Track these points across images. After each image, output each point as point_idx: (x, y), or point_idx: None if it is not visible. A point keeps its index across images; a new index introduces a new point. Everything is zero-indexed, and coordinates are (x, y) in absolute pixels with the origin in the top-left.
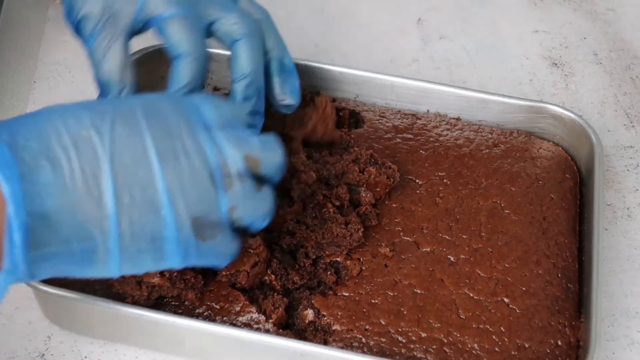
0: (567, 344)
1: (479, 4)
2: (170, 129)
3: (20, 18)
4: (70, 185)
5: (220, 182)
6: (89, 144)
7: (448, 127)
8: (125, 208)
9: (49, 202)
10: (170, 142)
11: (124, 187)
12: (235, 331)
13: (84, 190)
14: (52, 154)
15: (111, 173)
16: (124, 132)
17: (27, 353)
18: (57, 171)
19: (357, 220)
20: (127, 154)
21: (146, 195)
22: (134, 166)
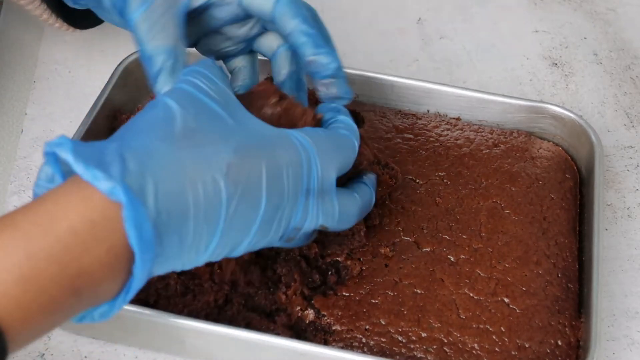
0: (567, 344)
1: (479, 4)
2: (280, 196)
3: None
4: (185, 250)
5: (285, 236)
6: (215, 214)
7: (448, 127)
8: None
9: (161, 267)
10: (274, 211)
11: (222, 246)
12: (235, 331)
13: (194, 250)
14: (183, 230)
15: (220, 237)
16: (244, 203)
17: (26, 353)
18: (182, 241)
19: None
20: (238, 221)
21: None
22: (238, 232)
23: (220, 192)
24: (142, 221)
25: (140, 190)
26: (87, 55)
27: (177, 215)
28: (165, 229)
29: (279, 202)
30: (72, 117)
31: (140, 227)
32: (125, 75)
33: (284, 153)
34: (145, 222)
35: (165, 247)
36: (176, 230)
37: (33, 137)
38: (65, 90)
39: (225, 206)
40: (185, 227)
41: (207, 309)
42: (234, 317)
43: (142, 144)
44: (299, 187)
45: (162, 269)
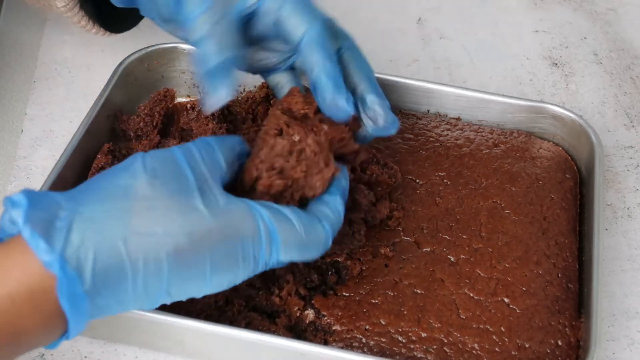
0: (567, 344)
1: (479, 4)
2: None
3: (20, 18)
4: (128, 302)
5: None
6: (155, 290)
7: (448, 127)
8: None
9: (104, 313)
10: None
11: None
12: (235, 331)
13: (139, 301)
14: (122, 297)
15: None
16: (187, 275)
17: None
18: (121, 305)
19: (360, 221)
20: (180, 293)
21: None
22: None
23: (162, 271)
24: (76, 293)
25: (78, 263)
26: (87, 56)
27: (114, 289)
28: (103, 297)
29: (229, 276)
30: (72, 117)
31: (73, 299)
32: (125, 76)
33: (243, 242)
34: (80, 294)
35: (102, 308)
36: (114, 296)
37: (33, 137)
38: (65, 90)
39: (166, 282)
40: (124, 296)
41: (207, 311)
42: (235, 318)
43: (93, 214)
44: (255, 266)
45: (104, 315)
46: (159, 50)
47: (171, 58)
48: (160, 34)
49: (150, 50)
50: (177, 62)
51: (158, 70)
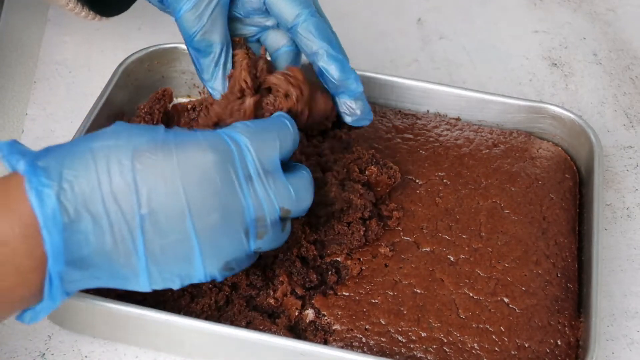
0: (567, 344)
1: (479, 4)
2: (210, 184)
3: (20, 18)
4: (107, 237)
5: (254, 234)
6: (128, 200)
7: (448, 127)
8: (156, 260)
9: (85, 250)
10: (208, 200)
11: (155, 241)
12: (235, 331)
13: (119, 241)
14: (93, 207)
15: (142, 230)
16: (161, 189)
17: (27, 352)
18: (96, 223)
19: (358, 220)
20: (162, 211)
21: (178, 249)
22: (167, 222)
23: (127, 173)
24: (43, 190)
25: (46, 167)
26: (88, 56)
27: (83, 191)
28: (71, 202)
29: (209, 190)
30: (73, 117)
31: (40, 195)
32: (125, 76)
33: (205, 142)
34: (46, 191)
35: (77, 224)
36: (85, 205)
37: (34, 137)
38: (66, 91)
39: (136, 190)
40: (95, 203)
41: (207, 312)
42: (235, 317)
43: (68, 142)
44: (232, 172)
45: (93, 262)
46: (159, 50)
47: (171, 58)
48: (160, 34)
49: (150, 51)
50: (177, 62)
51: (158, 70)
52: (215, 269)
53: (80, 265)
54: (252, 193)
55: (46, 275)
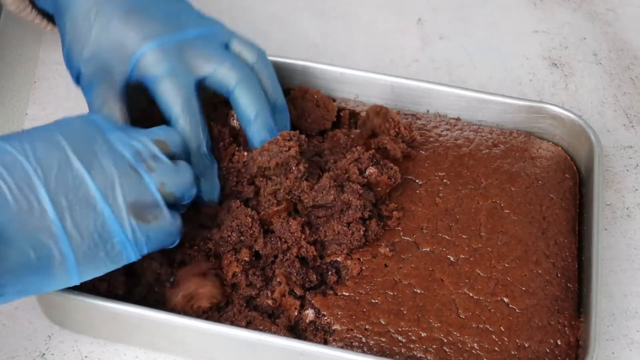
0: (567, 344)
1: (478, 4)
2: (85, 139)
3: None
4: (10, 201)
5: (141, 166)
6: (17, 164)
7: (448, 127)
8: (65, 211)
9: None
10: (88, 149)
11: (58, 193)
12: (235, 331)
13: (24, 203)
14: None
15: (43, 183)
16: (46, 150)
17: (27, 353)
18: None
19: (358, 220)
20: (53, 166)
21: (80, 195)
22: (62, 174)
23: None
24: None
25: None
26: None
27: None
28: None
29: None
30: None
31: None
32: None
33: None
34: None
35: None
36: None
37: None
38: (66, 91)
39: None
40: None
41: (207, 312)
42: (235, 317)
43: None
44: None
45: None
46: None
47: None
48: None
49: None
50: None
51: None
52: (122, 211)
53: None
54: (120, 138)
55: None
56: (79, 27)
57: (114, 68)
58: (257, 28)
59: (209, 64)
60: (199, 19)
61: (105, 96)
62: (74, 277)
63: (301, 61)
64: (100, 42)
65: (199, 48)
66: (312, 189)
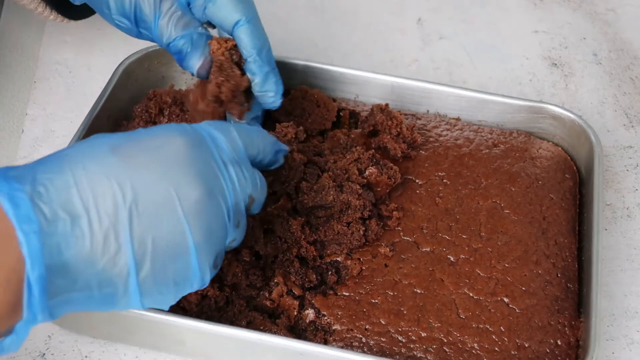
0: (567, 344)
1: (478, 4)
2: (190, 164)
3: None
4: (88, 237)
5: (233, 221)
6: (109, 194)
7: (448, 127)
8: (146, 257)
9: (66, 253)
10: (191, 179)
11: (145, 236)
12: (235, 331)
13: (102, 240)
14: (71, 206)
15: (130, 223)
16: (146, 180)
17: (27, 353)
18: (75, 223)
19: (358, 220)
20: (150, 204)
21: (171, 244)
22: (157, 216)
23: (106, 166)
24: (15, 194)
25: (18, 175)
26: (88, 56)
27: (59, 191)
28: (47, 204)
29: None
30: (73, 117)
31: (13, 199)
32: (125, 76)
33: (180, 130)
34: (19, 194)
35: (54, 226)
36: (61, 206)
37: (34, 137)
38: (66, 91)
39: (116, 182)
40: (72, 202)
41: (207, 312)
42: (235, 317)
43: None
44: (210, 156)
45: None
46: (159, 50)
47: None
48: None
49: (150, 51)
50: None
51: (158, 70)
52: (207, 265)
53: (62, 272)
54: (229, 176)
55: (24, 284)
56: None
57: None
58: None
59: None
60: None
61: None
62: (134, 307)
63: (301, 61)
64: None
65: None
66: (312, 190)
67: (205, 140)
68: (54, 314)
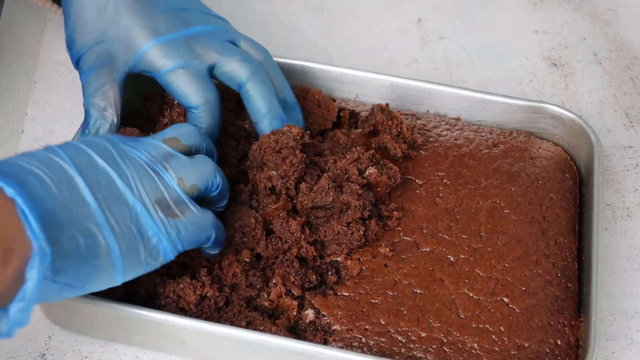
0: (567, 344)
1: (478, 4)
2: (104, 149)
3: (20, 18)
4: (55, 191)
5: (158, 167)
6: (54, 163)
7: (448, 127)
8: (102, 204)
9: (47, 203)
10: (109, 155)
11: (94, 188)
12: (235, 331)
13: (68, 193)
14: (35, 174)
15: (83, 180)
16: (75, 154)
17: (27, 353)
18: (42, 182)
19: (358, 220)
20: (84, 166)
21: (111, 191)
22: (92, 173)
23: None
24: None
25: None
26: None
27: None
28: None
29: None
30: (73, 117)
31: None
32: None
33: None
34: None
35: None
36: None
37: (34, 137)
38: (66, 91)
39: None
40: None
41: (207, 312)
42: (235, 318)
43: None
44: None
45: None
46: None
47: None
48: None
49: None
50: None
51: None
52: (150, 206)
53: (50, 219)
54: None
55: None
56: (86, 11)
57: (118, 56)
58: (257, 28)
59: (219, 56)
60: (207, 17)
61: (103, 81)
62: (119, 272)
63: (301, 61)
64: (107, 29)
65: (207, 42)
66: (311, 190)
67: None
68: (56, 270)
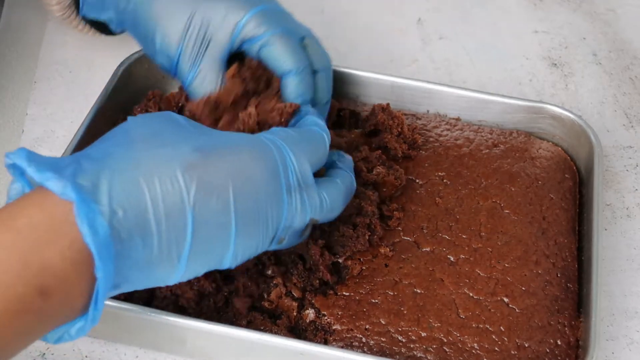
0: (567, 344)
1: (479, 4)
2: (259, 196)
3: (21, 18)
4: (155, 256)
5: (277, 238)
6: (179, 214)
7: (448, 127)
8: (195, 260)
9: (133, 274)
10: (253, 211)
11: (200, 247)
12: (235, 331)
13: (166, 252)
14: (146, 227)
15: (191, 239)
16: (212, 203)
17: (27, 352)
18: (146, 242)
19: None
20: (211, 222)
21: (215, 250)
22: (214, 233)
23: (180, 190)
24: (95, 217)
25: (94, 189)
26: (88, 56)
27: (135, 213)
28: (124, 227)
29: (255, 202)
30: (73, 117)
31: (93, 224)
32: (126, 76)
33: (254, 152)
34: (99, 219)
35: (128, 248)
36: (137, 228)
37: (34, 137)
38: (66, 91)
39: (190, 206)
40: (147, 226)
41: (207, 312)
42: (236, 318)
43: (98, 150)
44: (277, 185)
45: (134, 278)
46: None
47: None
48: None
49: None
50: None
51: (158, 70)
52: (233, 265)
53: (124, 282)
54: (291, 205)
55: (92, 298)
56: (170, 11)
57: (217, 38)
58: None
59: (308, 30)
60: None
61: (205, 76)
62: (180, 270)
63: None
64: (201, 14)
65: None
66: None
67: (278, 166)
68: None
